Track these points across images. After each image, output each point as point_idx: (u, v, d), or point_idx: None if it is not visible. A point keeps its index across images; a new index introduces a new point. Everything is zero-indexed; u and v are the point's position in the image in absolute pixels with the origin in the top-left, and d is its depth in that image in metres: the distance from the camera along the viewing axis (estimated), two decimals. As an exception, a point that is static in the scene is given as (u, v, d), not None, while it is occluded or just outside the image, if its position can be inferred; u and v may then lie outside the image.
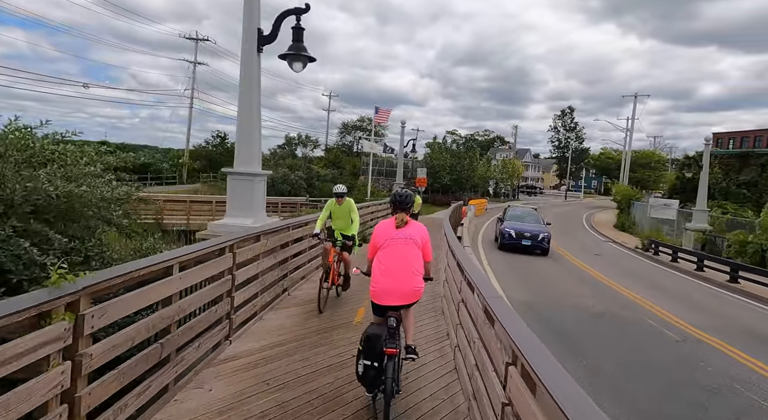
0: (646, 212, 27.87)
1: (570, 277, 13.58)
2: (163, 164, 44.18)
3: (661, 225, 25.32)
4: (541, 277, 13.19)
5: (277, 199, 22.17)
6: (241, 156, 6.55)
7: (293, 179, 26.46)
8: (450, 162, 38.49)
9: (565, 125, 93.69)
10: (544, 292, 11.32)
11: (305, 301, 6.83)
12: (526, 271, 14.16)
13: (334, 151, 57.31)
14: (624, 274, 14.58)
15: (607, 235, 26.51)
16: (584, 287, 12.20)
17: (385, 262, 3.67)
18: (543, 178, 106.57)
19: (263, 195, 7.01)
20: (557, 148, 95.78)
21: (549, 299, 10.46)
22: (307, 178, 28.35)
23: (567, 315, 9.28)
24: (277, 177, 25.43)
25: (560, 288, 11.90)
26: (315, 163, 54.95)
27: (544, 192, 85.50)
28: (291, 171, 27.45)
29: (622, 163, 51.79)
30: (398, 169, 22.72)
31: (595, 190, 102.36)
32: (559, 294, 11.16)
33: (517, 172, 56.30)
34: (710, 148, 19.68)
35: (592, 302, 10.52)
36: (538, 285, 12.07)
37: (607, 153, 55.27)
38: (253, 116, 6.60)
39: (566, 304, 10.18)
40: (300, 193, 26.05)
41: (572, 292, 11.47)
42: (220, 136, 52.78)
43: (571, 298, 10.81)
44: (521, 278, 12.87)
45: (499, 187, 58.33)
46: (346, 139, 67.48)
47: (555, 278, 13.21)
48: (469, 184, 43.02)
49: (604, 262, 16.90)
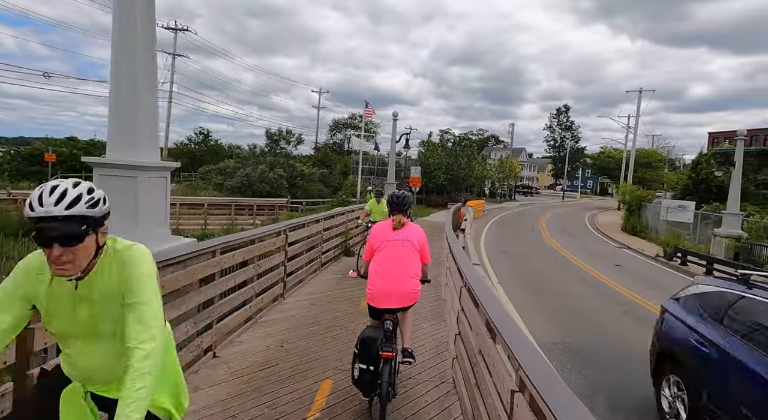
0: (658, 215, 25.61)
1: (602, 300, 11.09)
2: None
3: (676, 229, 23.03)
4: (566, 302, 10.68)
5: (251, 201, 19.51)
6: (117, 136, 3.90)
7: (272, 178, 23.74)
8: (446, 161, 36.00)
9: (561, 124, 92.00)
10: (577, 324, 8.81)
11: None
12: (545, 288, 11.68)
13: (323, 150, 54.71)
14: (664, 293, 12.15)
15: (617, 239, 24.17)
16: (625, 316, 9.71)
17: (381, 264, 3.65)
18: (538, 178, 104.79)
19: (162, 201, 4.38)
20: (552, 148, 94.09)
21: (587, 338, 7.93)
22: (289, 177, 25.68)
23: (621, 367, 6.77)
24: (254, 175, 22.81)
25: (595, 318, 9.40)
26: (303, 161, 52.26)
27: (540, 192, 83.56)
28: (270, 169, 24.76)
29: (624, 162, 49.70)
30: (389, 166, 20.19)
31: (591, 190, 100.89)
32: (595, 327, 8.66)
33: (515, 172, 54.00)
34: (742, 145, 17.31)
35: (642, 340, 8.03)
36: (566, 315, 9.55)
37: (607, 152, 53.20)
38: (136, 68, 3.98)
39: (612, 345, 7.65)
40: (281, 194, 23.47)
41: (611, 325, 8.98)
42: (203, 133, 49.92)
43: (614, 332, 8.32)
44: (542, 304, 10.37)
45: (495, 187, 56.02)
46: (337, 137, 64.99)
47: (585, 303, 10.71)
48: (465, 184, 40.59)
49: (629, 276, 14.48)
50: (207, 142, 48.42)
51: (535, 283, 12.40)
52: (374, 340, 3.43)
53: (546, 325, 8.43)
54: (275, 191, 23.80)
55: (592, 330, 8.39)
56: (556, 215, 38.45)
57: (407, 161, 40.40)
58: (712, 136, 76.91)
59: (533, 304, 10.10)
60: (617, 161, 51.95)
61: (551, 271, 14.53)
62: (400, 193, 3.95)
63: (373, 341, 3.42)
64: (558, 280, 13.09)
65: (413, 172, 27.24)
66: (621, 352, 7.16)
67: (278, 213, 18.78)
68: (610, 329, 8.53)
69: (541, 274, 13.78)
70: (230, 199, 20.36)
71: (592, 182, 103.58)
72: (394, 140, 19.25)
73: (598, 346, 7.37)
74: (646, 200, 26.56)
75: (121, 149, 3.96)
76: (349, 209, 12.75)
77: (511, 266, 14.66)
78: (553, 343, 7.36)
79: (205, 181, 29.08)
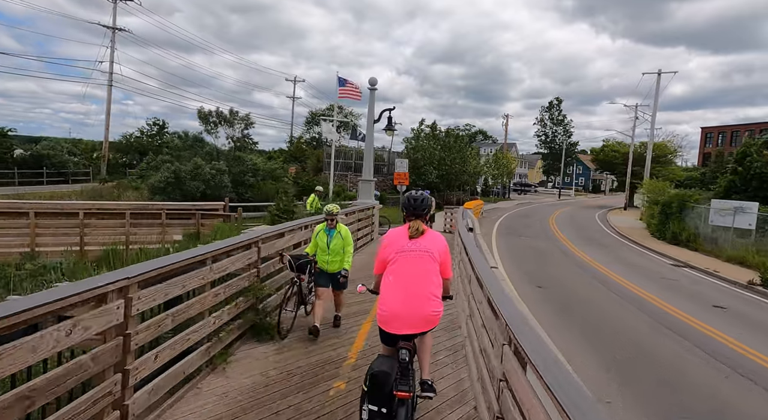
0: (701, 218, 20.41)
1: (739, 384, 5.53)
2: (72, 157, 34.56)
3: (740, 240, 17.80)
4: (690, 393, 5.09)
5: (161, 206, 13.40)
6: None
7: (208, 174, 17.59)
8: (438, 154, 30.21)
9: (553, 118, 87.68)
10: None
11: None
12: (647, 373, 6.09)
13: (297, 143, 48.75)
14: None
15: (661, 251, 18.81)
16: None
17: (395, 280, 3.11)
18: (527, 175, 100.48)
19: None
20: (544, 143, 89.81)
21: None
22: (238, 172, 19.65)
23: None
24: (184, 171, 16.77)
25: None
26: (275, 156, 46.03)
27: (539, 190, 78.83)
28: (207, 162, 18.61)
29: (631, 156, 44.78)
30: (366, 155, 14.42)
31: (584, 187, 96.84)
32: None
33: (510, 168, 48.74)
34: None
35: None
36: None
37: (611, 146, 48.34)
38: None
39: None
40: (222, 195, 17.55)
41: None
42: (157, 124, 43.20)
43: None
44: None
45: (489, 184, 50.64)
46: (314, 131, 59.08)
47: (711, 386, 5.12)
48: (458, 182, 34.94)
49: (748, 327, 8.99)
50: (162, 134, 41.79)
51: (630, 365, 6.77)
52: (387, 375, 2.88)
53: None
54: (215, 191, 17.80)
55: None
56: (563, 217, 33.24)
57: (391, 155, 34.52)
58: (705, 131, 73.52)
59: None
60: (623, 155, 46.99)
61: (628, 324, 8.93)
62: (418, 193, 3.38)
63: (386, 377, 2.87)
64: (657, 345, 7.48)
65: (399, 166, 21.45)
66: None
67: (202, 223, 12.80)
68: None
69: (623, 340, 8.17)
70: (134, 205, 14.27)
71: (584, 179, 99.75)
72: (371, 119, 13.52)
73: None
74: (693, 201, 21.27)
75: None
76: (299, 223, 6.99)
77: (567, 321, 9.04)
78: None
79: (144, 179, 22.85)
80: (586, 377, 5.91)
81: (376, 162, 34.04)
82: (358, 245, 11.68)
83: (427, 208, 3.31)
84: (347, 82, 24.94)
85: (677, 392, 5.89)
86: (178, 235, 12.23)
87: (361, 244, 12.10)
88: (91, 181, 32.35)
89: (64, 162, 31.93)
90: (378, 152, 35.30)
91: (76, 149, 37.13)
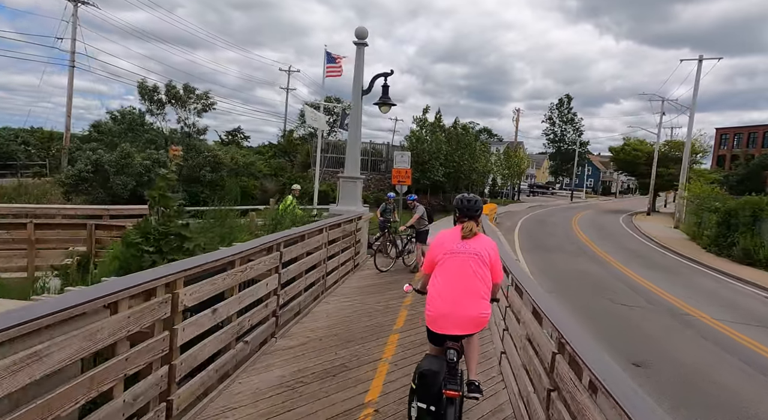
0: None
1: None
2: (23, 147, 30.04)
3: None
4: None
5: (32, 210, 8.79)
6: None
7: (140, 166, 12.73)
8: (445, 149, 25.58)
9: (562, 116, 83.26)
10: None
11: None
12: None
13: (288, 137, 44.38)
14: None
15: (745, 277, 14.31)
16: None
17: (444, 280, 3.09)
18: (535, 175, 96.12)
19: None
20: (552, 142, 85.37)
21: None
22: (191, 166, 15.08)
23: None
24: (107, 161, 12.14)
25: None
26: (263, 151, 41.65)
27: (556, 192, 74.35)
28: (140, 151, 13.82)
29: (656, 155, 40.34)
30: (350, 141, 9.99)
31: (593, 189, 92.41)
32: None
33: (522, 167, 44.24)
34: None
35: None
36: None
37: (633, 144, 43.82)
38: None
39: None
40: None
41: None
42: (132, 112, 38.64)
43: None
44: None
45: (499, 185, 46.13)
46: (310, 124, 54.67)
47: None
48: (466, 182, 30.37)
49: None
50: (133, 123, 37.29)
51: None
52: (436, 374, 2.91)
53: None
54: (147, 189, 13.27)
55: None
56: (587, 223, 28.81)
57: (390, 150, 29.92)
58: (720, 132, 69.18)
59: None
60: (646, 155, 42.45)
61: None
62: (471, 196, 3.43)
63: (435, 376, 2.90)
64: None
65: (399, 161, 16.98)
66: None
67: (101, 240, 8.30)
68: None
69: None
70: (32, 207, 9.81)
71: (593, 180, 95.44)
72: (358, 87, 9.06)
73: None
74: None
75: None
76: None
77: None
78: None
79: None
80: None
81: (373, 157, 29.37)
82: (329, 283, 7.25)
83: (480, 209, 3.35)
84: (337, 59, 20.37)
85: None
86: (58, 258, 7.83)
87: (335, 280, 7.68)
88: (48, 175, 27.92)
89: (10, 153, 27.42)
90: (377, 147, 30.66)
91: (32, 139, 32.62)
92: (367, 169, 28.87)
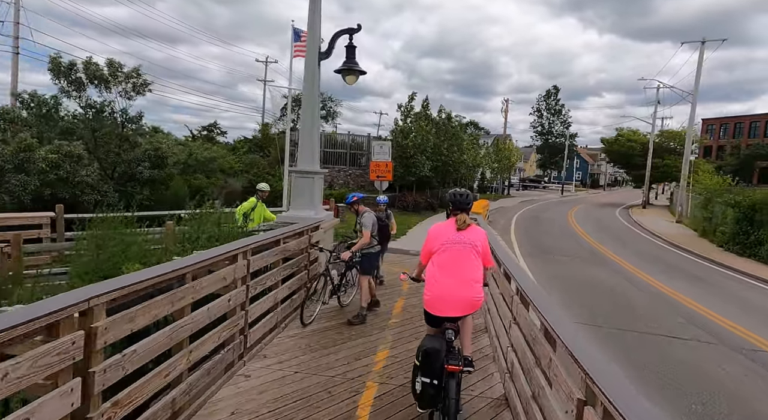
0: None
1: None
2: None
3: None
4: None
5: None
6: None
7: (43, 163, 9.60)
8: (433, 140, 22.97)
9: (550, 108, 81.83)
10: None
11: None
12: None
13: (263, 130, 41.62)
14: None
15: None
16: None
17: (442, 268, 3.38)
18: (524, 169, 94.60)
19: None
20: (540, 134, 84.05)
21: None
22: (121, 161, 12.09)
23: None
24: (2, 155, 9.33)
25: None
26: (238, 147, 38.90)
27: (549, 187, 72.67)
28: (49, 143, 10.81)
29: (651, 145, 38.59)
30: (304, 124, 7.34)
31: (581, 182, 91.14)
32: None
33: (513, 160, 42.08)
34: None
35: None
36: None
37: (627, 134, 41.86)
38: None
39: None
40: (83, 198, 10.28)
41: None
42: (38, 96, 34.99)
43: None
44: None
45: (488, 179, 43.91)
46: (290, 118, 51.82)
47: None
48: (454, 176, 27.96)
49: None
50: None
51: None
52: (438, 351, 3.19)
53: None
54: (66, 190, 10.26)
55: None
56: (585, 220, 26.76)
57: (371, 141, 27.32)
58: (706, 123, 68.37)
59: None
60: (643, 145, 40.57)
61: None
62: (462, 190, 3.77)
63: (437, 353, 3.19)
64: None
65: (378, 152, 14.53)
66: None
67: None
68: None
69: None
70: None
71: (581, 173, 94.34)
72: (315, 43, 6.55)
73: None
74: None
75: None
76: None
77: None
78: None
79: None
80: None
81: (353, 150, 26.77)
82: (255, 337, 4.72)
83: (470, 202, 3.67)
84: (303, 36, 17.76)
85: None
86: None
87: (269, 329, 5.22)
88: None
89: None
90: (357, 139, 27.95)
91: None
92: (346, 163, 26.26)
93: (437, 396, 3.14)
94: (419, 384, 3.19)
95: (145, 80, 13.05)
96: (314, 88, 7.19)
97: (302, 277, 5.97)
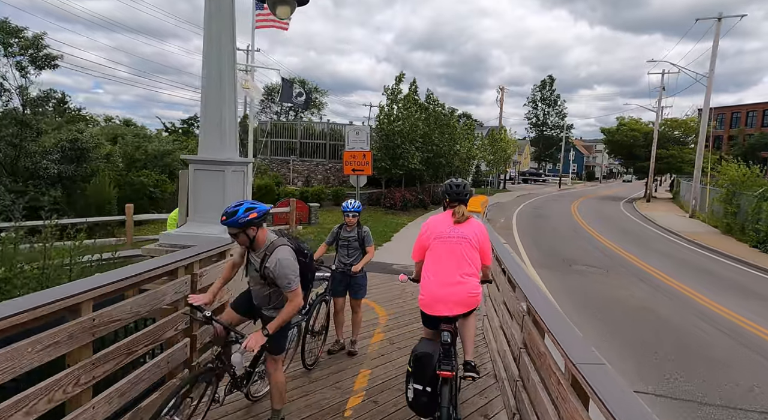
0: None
1: None
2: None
3: None
4: None
5: None
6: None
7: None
8: (422, 128, 20.05)
9: (545, 99, 79.54)
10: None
11: None
12: None
13: (243, 123, 38.65)
14: None
15: None
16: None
17: (433, 264, 3.12)
18: (520, 162, 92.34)
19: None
20: (534, 126, 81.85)
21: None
22: (37, 153, 9.32)
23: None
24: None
25: None
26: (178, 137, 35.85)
27: (548, 180, 70.39)
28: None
29: (656, 135, 36.18)
30: (207, 84, 4.49)
31: (577, 174, 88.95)
32: None
33: (509, 151, 39.46)
34: None
35: None
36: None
37: (629, 124, 39.33)
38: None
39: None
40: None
41: None
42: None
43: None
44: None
45: (484, 173, 41.26)
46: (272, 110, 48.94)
47: None
48: (448, 169, 25.20)
49: None
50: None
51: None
52: (430, 356, 2.92)
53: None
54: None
55: None
56: (591, 216, 24.29)
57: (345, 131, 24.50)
58: (717, 112, 66.56)
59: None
60: (646, 135, 38.13)
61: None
62: (459, 180, 3.36)
63: (429, 358, 2.91)
64: None
65: (352, 139, 11.79)
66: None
67: None
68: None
69: None
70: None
71: (577, 166, 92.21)
72: None
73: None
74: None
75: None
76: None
77: None
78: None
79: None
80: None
81: (333, 140, 23.82)
82: None
83: (468, 193, 3.33)
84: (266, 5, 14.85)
85: None
86: None
87: None
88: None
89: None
90: (335, 127, 24.82)
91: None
92: (326, 156, 23.40)
93: (431, 404, 2.88)
94: (411, 391, 2.94)
95: (48, 53, 10.08)
96: (229, 19, 4.38)
97: (162, 365, 3.15)
